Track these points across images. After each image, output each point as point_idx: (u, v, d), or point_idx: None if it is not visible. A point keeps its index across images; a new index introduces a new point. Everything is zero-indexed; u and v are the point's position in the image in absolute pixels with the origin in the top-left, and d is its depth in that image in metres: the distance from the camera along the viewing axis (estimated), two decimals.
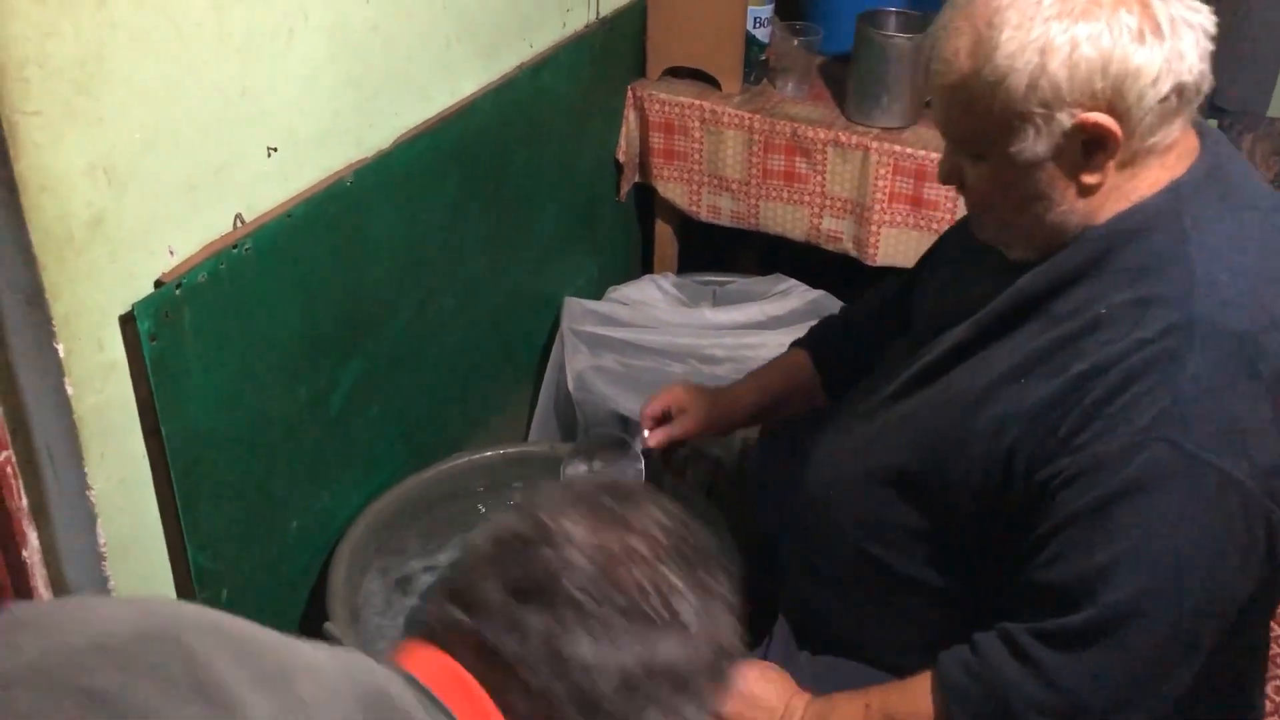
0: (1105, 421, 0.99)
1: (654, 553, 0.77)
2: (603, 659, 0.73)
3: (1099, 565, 0.99)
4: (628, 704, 0.74)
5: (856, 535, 1.23)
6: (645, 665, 0.74)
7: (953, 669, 1.10)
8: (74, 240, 1.10)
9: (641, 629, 0.74)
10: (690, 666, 0.77)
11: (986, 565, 1.13)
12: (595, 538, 0.76)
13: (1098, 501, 0.99)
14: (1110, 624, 0.99)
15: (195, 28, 1.18)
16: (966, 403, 1.10)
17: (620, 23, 2.11)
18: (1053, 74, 0.98)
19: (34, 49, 1.01)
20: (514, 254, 1.93)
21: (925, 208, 1.99)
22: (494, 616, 0.73)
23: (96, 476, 1.19)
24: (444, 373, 1.80)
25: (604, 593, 0.74)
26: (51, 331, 1.10)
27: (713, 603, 0.80)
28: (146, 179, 1.17)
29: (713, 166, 2.16)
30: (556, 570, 0.74)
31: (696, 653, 0.77)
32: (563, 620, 0.73)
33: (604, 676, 0.73)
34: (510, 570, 0.75)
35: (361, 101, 1.46)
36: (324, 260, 1.45)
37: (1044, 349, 1.06)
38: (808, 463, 1.33)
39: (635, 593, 0.75)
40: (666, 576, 0.77)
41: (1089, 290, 1.05)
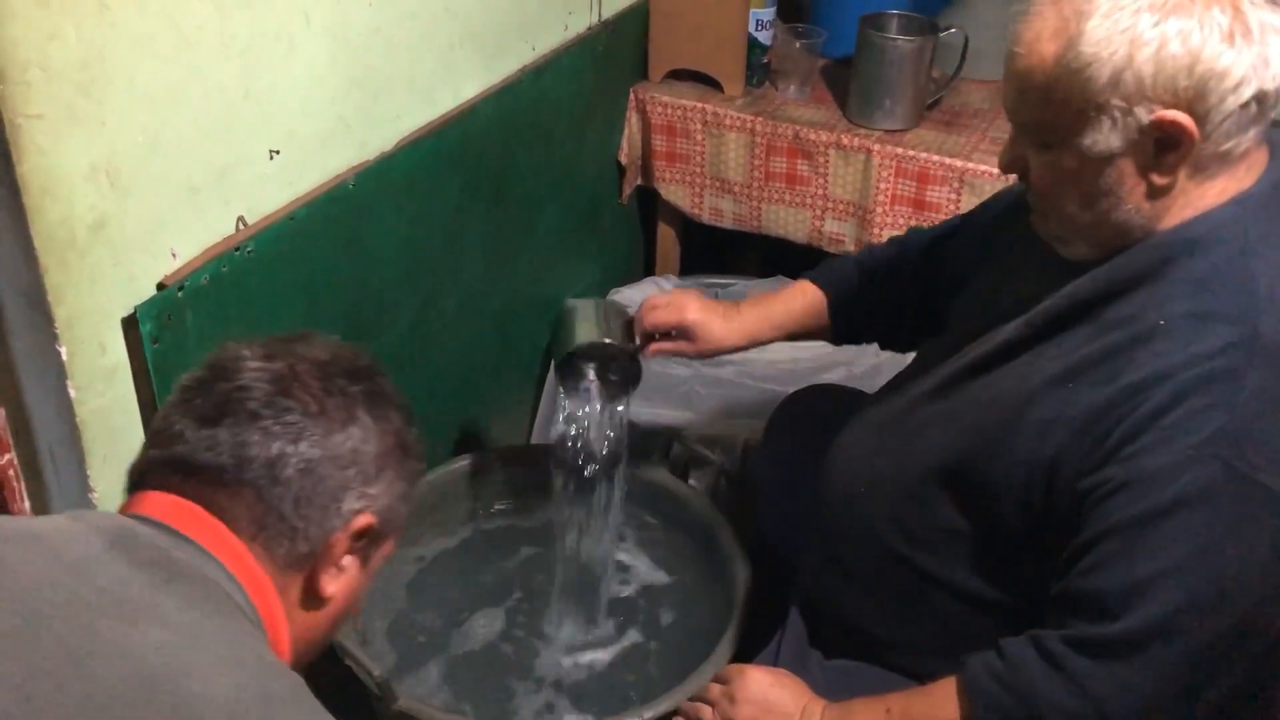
0: (1157, 434, 0.98)
1: (322, 370, 0.90)
2: (283, 451, 0.85)
3: (1140, 578, 0.98)
4: (319, 485, 0.86)
5: (888, 533, 1.22)
6: (325, 454, 0.87)
7: (980, 674, 1.09)
8: (76, 243, 1.10)
9: (317, 427, 0.87)
10: (370, 453, 0.89)
11: (1020, 570, 1.12)
12: (267, 365, 0.88)
13: (1144, 514, 0.98)
14: (1147, 637, 0.98)
15: (197, 30, 1.18)
16: (1011, 404, 1.09)
17: (622, 25, 2.11)
18: (1138, 68, 0.96)
19: (36, 52, 1.01)
20: (516, 256, 1.93)
21: (927, 210, 1.99)
22: (189, 443, 0.85)
23: (99, 479, 1.19)
24: (446, 375, 1.80)
25: (278, 404, 0.86)
26: (54, 334, 1.10)
27: (380, 403, 0.92)
28: (149, 182, 1.17)
29: (715, 169, 2.16)
30: (235, 395, 0.86)
31: (374, 442, 0.90)
32: (245, 430, 0.85)
33: (287, 465, 0.85)
34: (196, 406, 0.86)
35: (364, 104, 1.46)
36: (326, 263, 1.45)
37: (1095, 355, 1.04)
38: (836, 457, 1.33)
39: (308, 400, 0.87)
40: (335, 384, 0.89)
41: (1145, 298, 1.04)
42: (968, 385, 1.16)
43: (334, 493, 0.87)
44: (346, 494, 0.88)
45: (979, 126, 2.08)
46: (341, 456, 0.88)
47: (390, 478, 0.92)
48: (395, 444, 0.93)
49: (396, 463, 0.93)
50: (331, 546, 0.88)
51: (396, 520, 0.95)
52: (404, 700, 1.34)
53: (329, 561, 0.89)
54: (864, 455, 1.28)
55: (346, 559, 0.91)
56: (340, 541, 0.88)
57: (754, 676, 1.25)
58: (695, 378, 2.02)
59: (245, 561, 0.84)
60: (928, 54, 2.02)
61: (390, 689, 1.32)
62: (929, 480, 1.17)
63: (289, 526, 0.86)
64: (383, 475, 0.91)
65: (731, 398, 1.97)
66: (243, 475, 0.84)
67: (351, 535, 0.89)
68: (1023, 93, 1.05)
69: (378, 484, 0.90)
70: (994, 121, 2.10)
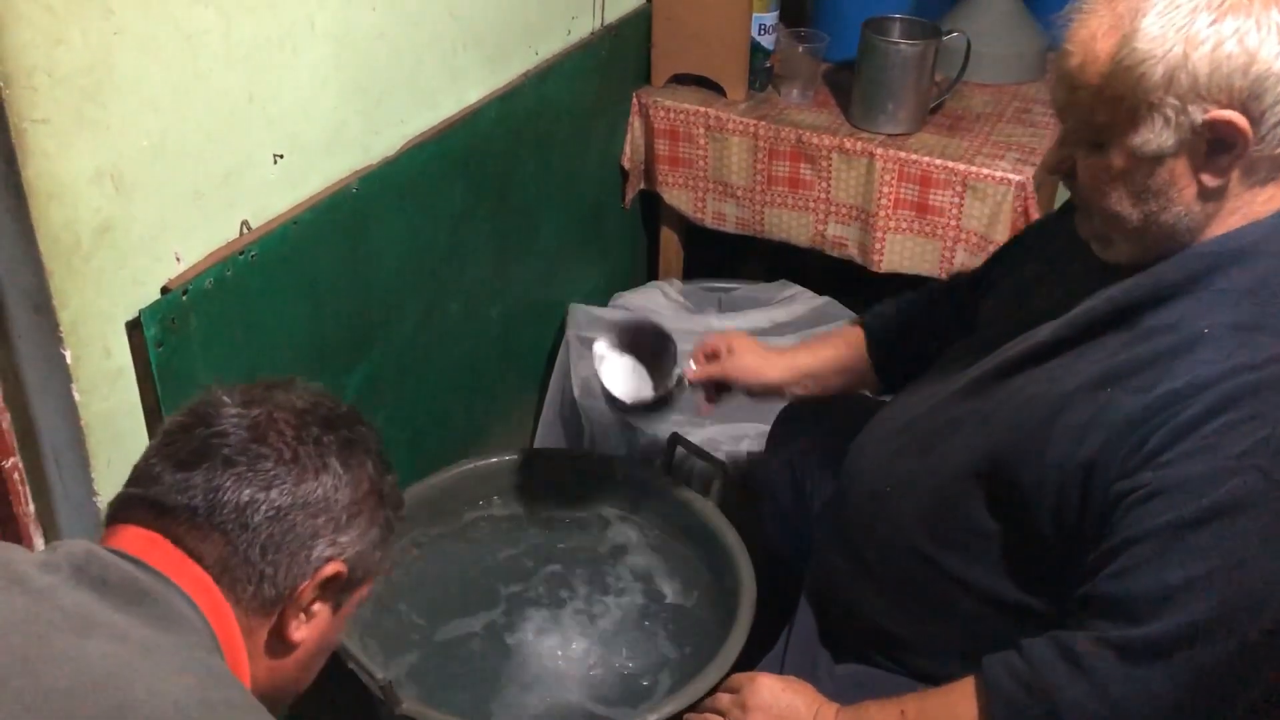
0: (1196, 442, 0.98)
1: (298, 418, 0.91)
2: (254, 498, 0.86)
3: (1171, 584, 0.98)
4: (288, 533, 0.87)
5: (914, 533, 1.21)
6: (297, 501, 0.88)
7: (999, 673, 1.08)
8: (81, 247, 1.11)
9: (290, 474, 0.88)
10: (341, 501, 0.90)
11: (1047, 573, 1.11)
12: (246, 411, 0.90)
13: (1179, 521, 0.98)
14: (1174, 644, 0.98)
15: (202, 35, 1.18)
16: (1046, 406, 1.08)
17: (625, 30, 2.11)
18: (1193, 66, 0.96)
19: (42, 57, 1.01)
20: (519, 261, 1.94)
21: (930, 214, 1.99)
22: (164, 485, 0.87)
23: (103, 483, 1.20)
24: (450, 379, 1.80)
25: (253, 450, 0.88)
26: (59, 338, 1.11)
27: (355, 451, 0.93)
28: (154, 186, 1.17)
29: (718, 173, 2.16)
30: (212, 441, 0.88)
31: (346, 491, 0.91)
32: (219, 475, 0.86)
33: (257, 511, 0.86)
34: (175, 450, 0.88)
35: (368, 109, 1.47)
36: (330, 267, 1.45)
37: (1135, 361, 1.03)
38: (859, 457, 1.32)
39: (282, 448, 0.89)
40: (310, 432, 0.91)
41: (1188, 307, 1.03)
42: (1001, 385, 1.16)
43: (303, 540, 0.88)
44: (316, 542, 0.89)
45: (982, 130, 2.08)
46: (312, 504, 0.89)
47: (363, 525, 0.92)
48: (369, 491, 0.94)
49: (370, 511, 0.93)
50: (300, 594, 0.89)
51: (370, 566, 0.95)
52: (408, 704, 1.34)
53: (297, 608, 0.90)
54: (890, 455, 1.27)
55: (316, 606, 0.92)
56: (308, 590, 0.89)
57: (764, 683, 1.25)
58: None
59: (209, 591, 0.85)
60: (930, 58, 2.02)
61: (394, 693, 1.32)
62: (959, 480, 1.16)
63: (256, 571, 0.87)
64: (354, 523, 0.92)
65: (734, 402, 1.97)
66: (213, 519, 0.86)
67: (320, 584, 0.90)
68: (1074, 90, 1.04)
69: (349, 532, 0.91)
70: (997, 125, 2.10)
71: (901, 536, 1.22)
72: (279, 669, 0.92)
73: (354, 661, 1.36)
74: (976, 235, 1.97)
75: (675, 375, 1.44)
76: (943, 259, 2.01)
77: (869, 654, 1.29)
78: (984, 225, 1.95)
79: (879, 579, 1.26)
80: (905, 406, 1.31)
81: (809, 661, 1.33)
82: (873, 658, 1.29)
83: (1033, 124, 2.11)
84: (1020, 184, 1.91)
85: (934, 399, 1.25)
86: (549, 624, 1.64)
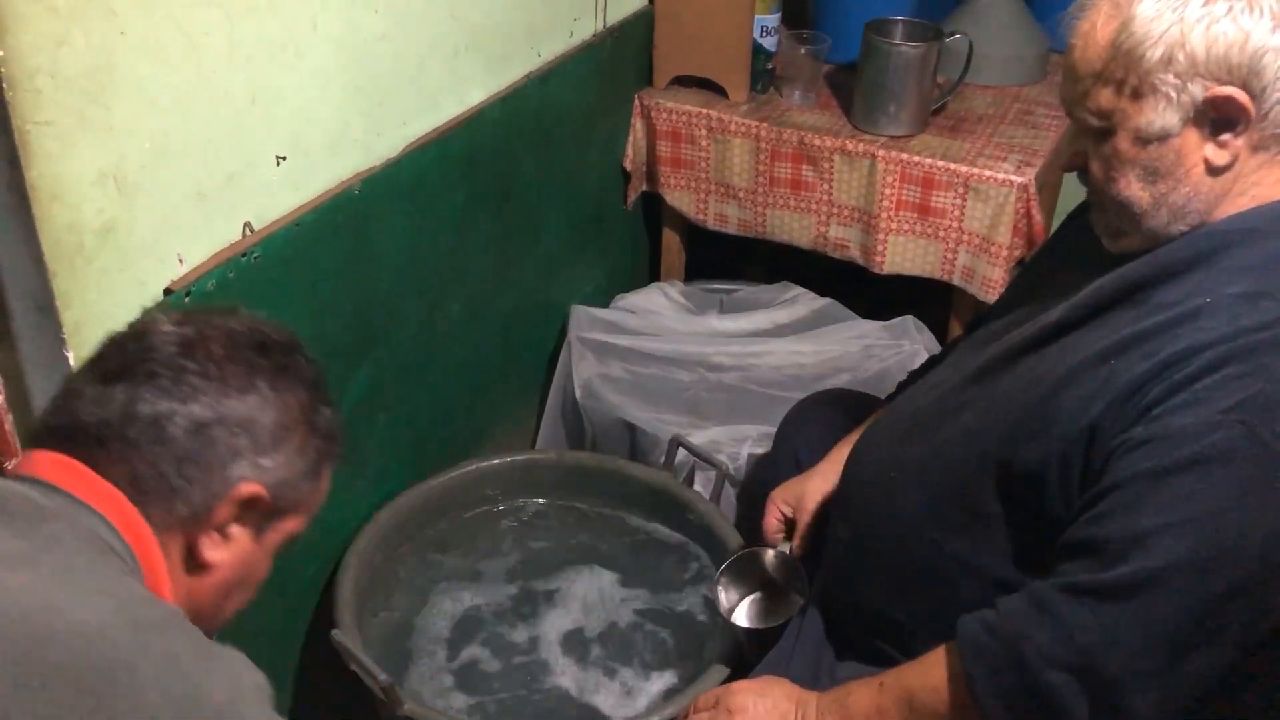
0: (1188, 396, 0.99)
1: (231, 339, 0.89)
2: (171, 409, 0.84)
3: (1142, 529, 0.99)
4: (206, 448, 0.86)
5: (920, 518, 1.21)
6: (218, 416, 0.86)
7: (970, 625, 1.09)
8: (84, 248, 1.11)
9: (215, 390, 0.86)
10: (266, 423, 0.88)
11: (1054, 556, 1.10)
12: (177, 329, 0.89)
13: (1158, 468, 0.99)
14: (1137, 587, 0.98)
15: (205, 37, 1.18)
16: (1052, 383, 1.09)
17: (627, 32, 2.11)
18: (1191, 45, 0.99)
19: (46, 59, 1.02)
20: (521, 262, 1.94)
21: (932, 215, 1.99)
22: (84, 399, 0.85)
23: None
24: (452, 381, 1.80)
25: (179, 366, 0.86)
26: (62, 339, 1.11)
27: (288, 378, 0.91)
28: (157, 187, 1.17)
29: (720, 175, 2.16)
30: (140, 356, 0.86)
31: (271, 412, 0.89)
32: (138, 388, 0.85)
33: (173, 423, 0.84)
34: (102, 364, 0.87)
35: (370, 110, 1.47)
36: (332, 268, 1.45)
37: (1139, 334, 1.05)
38: (866, 445, 1.33)
39: (208, 365, 0.87)
40: (241, 354, 0.89)
41: (1196, 283, 1.05)
42: (1009, 369, 1.17)
43: (221, 458, 0.86)
44: (236, 461, 0.87)
45: (984, 132, 2.08)
46: (232, 421, 0.86)
47: (289, 453, 0.90)
48: (299, 419, 0.91)
49: (300, 440, 0.91)
50: (213, 512, 0.87)
51: (297, 498, 0.93)
52: (409, 705, 1.34)
53: (209, 526, 0.88)
54: (896, 440, 1.27)
55: (234, 528, 0.89)
56: (224, 509, 0.87)
57: (739, 689, 1.26)
58: (700, 383, 2.02)
59: (122, 509, 0.83)
60: (932, 60, 2.02)
61: (395, 693, 1.32)
62: (966, 463, 1.17)
63: (169, 486, 0.85)
64: (280, 449, 0.89)
65: (736, 403, 1.98)
66: (126, 432, 0.84)
67: (236, 503, 0.88)
68: (1078, 82, 1.08)
69: (273, 456, 0.89)
70: (999, 127, 2.10)
71: (907, 522, 1.23)
72: (196, 590, 0.90)
73: (355, 662, 1.36)
74: (979, 237, 1.97)
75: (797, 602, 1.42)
76: (944, 260, 2.01)
77: (874, 644, 1.29)
78: (986, 227, 1.95)
79: (884, 566, 1.27)
80: (913, 397, 1.32)
81: (815, 659, 1.33)
82: (877, 647, 1.29)
83: (1035, 126, 2.11)
84: (1022, 185, 1.92)
85: (942, 388, 1.26)
86: (549, 625, 1.64)
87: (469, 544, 1.73)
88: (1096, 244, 1.15)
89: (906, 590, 1.25)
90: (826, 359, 2.06)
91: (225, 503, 0.87)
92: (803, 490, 1.45)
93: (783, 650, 1.35)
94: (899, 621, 1.26)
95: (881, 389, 1.82)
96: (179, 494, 0.85)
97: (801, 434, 1.62)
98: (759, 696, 1.23)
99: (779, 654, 1.35)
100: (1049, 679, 1.02)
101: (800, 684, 1.26)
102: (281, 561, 1.53)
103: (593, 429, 1.96)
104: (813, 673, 1.31)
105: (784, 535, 1.47)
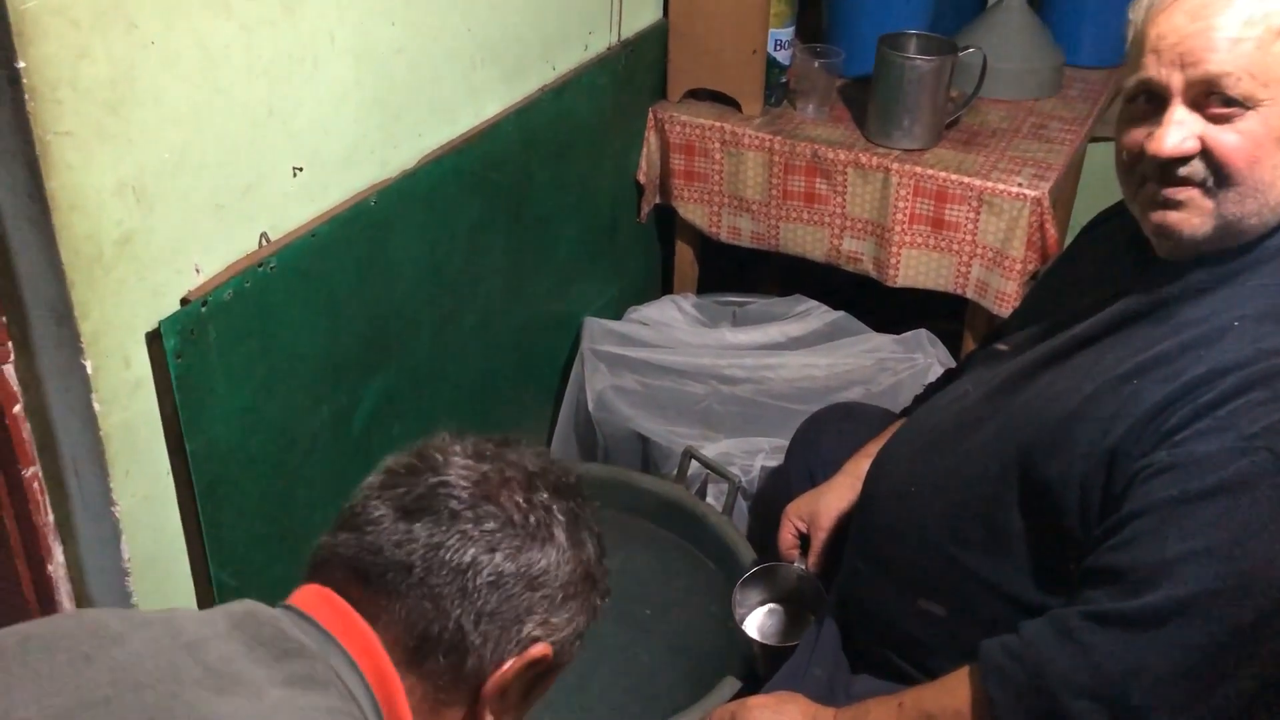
0: (1212, 422, 0.98)
1: (528, 480, 0.86)
2: (478, 559, 0.80)
3: (1169, 557, 0.98)
4: (503, 602, 0.81)
5: (938, 533, 1.20)
6: (518, 569, 0.82)
7: (993, 651, 1.08)
8: (103, 258, 1.12)
9: (516, 540, 0.83)
10: (561, 578, 0.85)
11: (1071, 573, 1.10)
12: (475, 465, 0.85)
13: (1183, 495, 0.98)
14: (1166, 616, 0.98)
15: (224, 50, 1.19)
16: (1072, 400, 1.08)
17: (642, 45, 2.12)
18: None
19: (67, 70, 1.03)
20: (535, 274, 1.94)
21: (946, 229, 1.99)
22: (383, 531, 0.81)
23: (121, 493, 1.20)
24: (465, 392, 1.80)
25: (482, 509, 0.82)
26: (80, 348, 1.11)
27: (580, 527, 0.88)
28: (174, 198, 1.18)
29: (733, 188, 2.16)
30: (440, 491, 0.82)
31: (566, 568, 0.85)
32: (443, 530, 0.81)
33: (480, 574, 0.80)
34: (398, 494, 0.83)
35: (386, 123, 1.48)
36: (347, 279, 1.46)
37: (1162, 354, 1.04)
38: (884, 459, 1.32)
39: (512, 510, 0.83)
40: (540, 499, 0.85)
41: (1222, 300, 1.04)
42: (1028, 384, 1.16)
43: (518, 614, 0.82)
44: (530, 617, 0.83)
45: (998, 146, 2.08)
46: (534, 576, 0.82)
47: (574, 608, 0.86)
48: (586, 574, 0.87)
49: (585, 594, 0.87)
50: (504, 672, 0.82)
51: (569, 657, 0.88)
52: None
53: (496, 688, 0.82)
54: (914, 455, 1.27)
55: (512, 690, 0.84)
56: (513, 668, 0.82)
57: (754, 705, 1.25)
58: (712, 395, 2.02)
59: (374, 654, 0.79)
60: (946, 73, 2.02)
61: None
62: (985, 479, 1.16)
63: (463, 640, 0.80)
64: (569, 604, 0.85)
65: (749, 415, 1.98)
66: (428, 580, 0.80)
67: (526, 664, 0.83)
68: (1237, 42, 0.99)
69: (562, 613, 0.85)
70: (1013, 141, 2.10)
71: (925, 536, 1.22)
72: None
73: None
74: (992, 250, 1.97)
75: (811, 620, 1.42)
76: (958, 274, 2.01)
77: (890, 659, 1.29)
78: (1000, 240, 1.95)
79: (901, 580, 1.26)
80: (932, 410, 1.32)
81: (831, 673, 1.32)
82: (894, 662, 1.28)
83: (1049, 139, 2.11)
84: (1036, 199, 1.91)
85: (961, 403, 1.25)
86: None
87: None
88: (1114, 257, 1.14)
89: (924, 606, 1.25)
90: (839, 372, 2.06)
91: (517, 663, 0.83)
92: (817, 506, 1.44)
93: (798, 664, 1.34)
94: (916, 637, 1.26)
95: (895, 402, 1.81)
96: (471, 650, 0.81)
97: (814, 447, 1.61)
98: (774, 713, 1.23)
99: (794, 668, 1.34)
100: (1074, 707, 1.01)
101: (816, 698, 1.25)
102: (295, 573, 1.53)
103: (605, 441, 1.96)
104: (828, 687, 1.30)
105: (799, 550, 1.47)
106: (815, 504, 1.45)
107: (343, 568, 0.82)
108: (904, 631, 1.27)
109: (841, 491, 1.42)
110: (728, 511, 1.72)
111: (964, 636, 1.18)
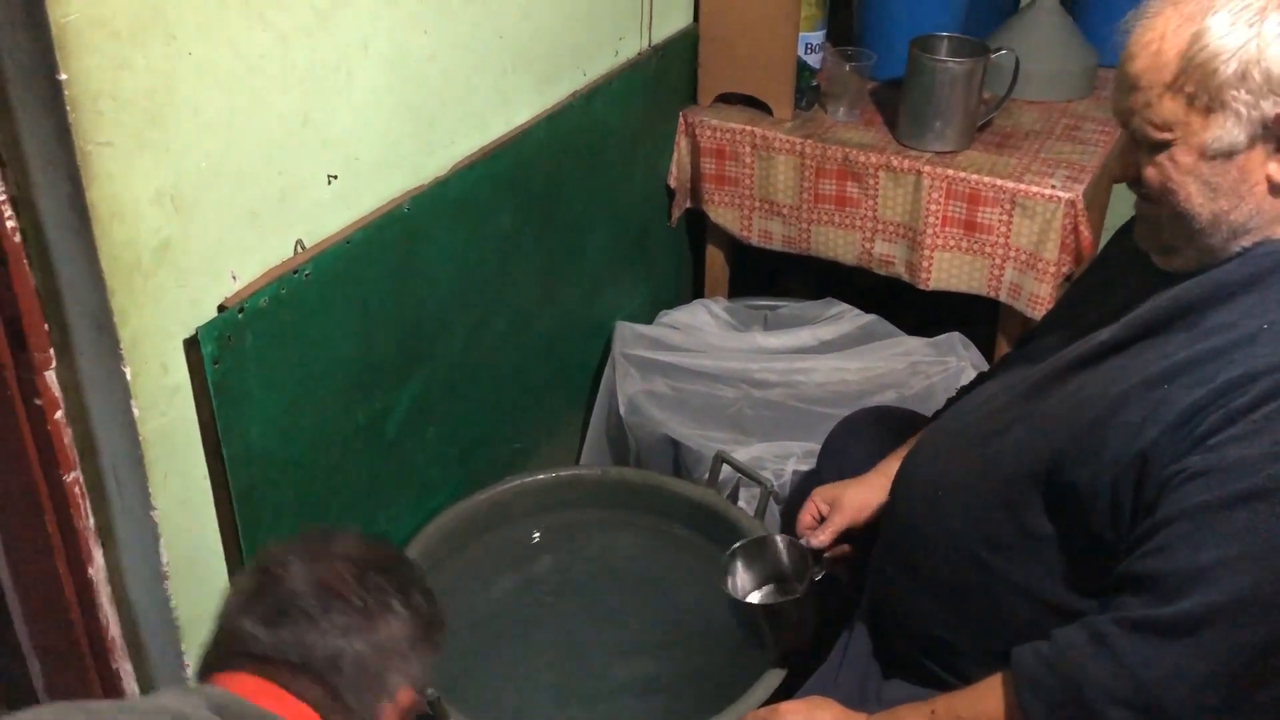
0: (1245, 427, 0.98)
1: (359, 570, 1.04)
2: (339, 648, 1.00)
3: (1204, 563, 0.97)
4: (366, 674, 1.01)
5: (968, 537, 1.20)
6: (373, 647, 1.02)
7: (1027, 658, 1.08)
8: (142, 266, 1.13)
9: (364, 622, 1.02)
10: (407, 638, 1.04)
11: (1102, 578, 1.10)
12: (311, 570, 1.03)
13: (1218, 501, 0.97)
14: (1201, 623, 0.97)
15: (260, 59, 1.21)
16: (1104, 405, 1.08)
17: (672, 50, 2.13)
18: (1267, 63, 0.98)
19: (108, 81, 1.04)
20: (566, 279, 1.95)
21: (978, 231, 1.98)
22: (262, 643, 0.99)
23: (160, 497, 1.22)
24: (497, 397, 1.81)
25: (331, 604, 1.01)
26: (119, 355, 1.13)
27: (410, 589, 1.07)
28: (211, 206, 1.20)
29: (764, 191, 2.16)
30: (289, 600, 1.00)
31: (409, 627, 1.05)
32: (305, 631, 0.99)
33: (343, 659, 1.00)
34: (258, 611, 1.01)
35: (419, 130, 1.49)
36: (381, 285, 1.47)
37: (1193, 359, 1.04)
38: (913, 463, 1.32)
39: (353, 599, 1.02)
40: (373, 582, 1.04)
41: (1251, 304, 1.04)
42: (1059, 387, 1.16)
43: (381, 677, 1.02)
44: (390, 676, 1.03)
45: (1031, 148, 2.06)
46: (385, 646, 1.02)
47: (424, 650, 1.06)
48: (424, 623, 1.07)
49: (426, 638, 1.07)
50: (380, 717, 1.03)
51: (426, 682, 1.09)
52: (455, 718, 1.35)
53: None
54: (944, 459, 1.27)
55: None
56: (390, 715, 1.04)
57: (787, 710, 1.25)
58: (744, 400, 2.02)
59: None
60: (978, 76, 2.01)
61: (442, 707, 1.33)
62: (1015, 482, 1.15)
63: (348, 708, 1.01)
64: (419, 650, 1.06)
65: (780, 420, 1.97)
66: (310, 668, 0.99)
67: (400, 711, 1.04)
68: (1139, 92, 1.05)
69: (414, 662, 1.05)
70: (1046, 143, 2.08)
71: (955, 541, 1.22)
72: None
73: None
74: (1025, 253, 1.95)
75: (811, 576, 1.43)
76: (991, 277, 2.00)
77: (921, 662, 1.28)
78: (1033, 243, 1.94)
79: (932, 584, 1.26)
80: (960, 414, 1.31)
81: (862, 677, 1.32)
82: (925, 666, 1.28)
83: (1082, 141, 2.09)
84: (1070, 201, 1.90)
85: (990, 405, 1.25)
86: (593, 638, 1.64)
87: (514, 558, 1.74)
88: (1147, 260, 1.14)
89: (954, 609, 1.24)
90: (871, 376, 2.05)
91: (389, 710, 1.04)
92: (842, 492, 1.45)
93: (830, 668, 1.34)
94: (947, 640, 1.25)
95: (927, 406, 1.80)
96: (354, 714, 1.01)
97: (846, 451, 1.61)
98: (806, 719, 1.23)
99: (826, 672, 1.34)
100: (1110, 715, 1.01)
101: (847, 703, 1.25)
102: None
103: (637, 445, 1.96)
104: (860, 692, 1.30)
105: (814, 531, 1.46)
106: (842, 490, 1.45)
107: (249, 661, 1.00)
108: (935, 635, 1.26)
109: (872, 485, 1.42)
110: (760, 516, 1.71)
111: (996, 640, 1.18)
